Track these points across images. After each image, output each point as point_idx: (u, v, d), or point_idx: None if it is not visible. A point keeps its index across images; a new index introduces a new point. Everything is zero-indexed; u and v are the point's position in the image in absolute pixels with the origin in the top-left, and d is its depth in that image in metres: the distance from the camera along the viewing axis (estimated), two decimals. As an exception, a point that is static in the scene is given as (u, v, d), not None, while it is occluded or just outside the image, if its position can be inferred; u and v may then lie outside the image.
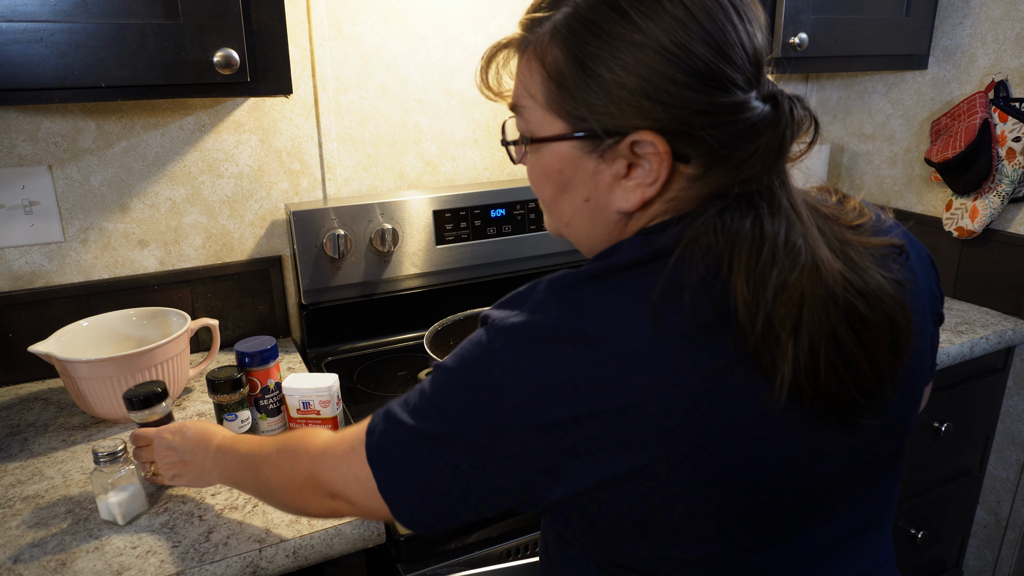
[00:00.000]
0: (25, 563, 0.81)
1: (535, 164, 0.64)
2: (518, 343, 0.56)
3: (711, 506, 0.56)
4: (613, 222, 0.62)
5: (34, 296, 1.25)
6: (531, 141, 0.62)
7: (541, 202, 0.68)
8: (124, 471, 0.88)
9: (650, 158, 0.57)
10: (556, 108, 0.59)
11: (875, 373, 0.56)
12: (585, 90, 0.56)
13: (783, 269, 0.53)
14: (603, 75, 0.55)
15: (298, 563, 0.86)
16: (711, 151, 0.56)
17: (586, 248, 0.67)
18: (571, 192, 0.62)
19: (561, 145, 0.60)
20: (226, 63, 0.97)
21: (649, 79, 0.54)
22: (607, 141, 0.57)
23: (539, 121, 0.61)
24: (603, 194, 0.60)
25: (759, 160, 0.55)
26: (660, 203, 0.60)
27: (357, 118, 1.44)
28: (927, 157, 1.56)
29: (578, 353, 0.54)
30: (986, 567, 1.76)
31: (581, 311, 0.56)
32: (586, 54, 0.56)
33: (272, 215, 1.42)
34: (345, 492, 0.67)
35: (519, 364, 0.56)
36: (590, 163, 0.59)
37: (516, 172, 1.64)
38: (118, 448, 0.87)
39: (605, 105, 0.56)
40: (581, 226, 0.65)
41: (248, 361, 1.03)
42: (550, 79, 0.58)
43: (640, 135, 0.55)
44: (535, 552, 0.95)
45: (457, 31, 1.48)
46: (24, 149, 1.21)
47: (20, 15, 0.88)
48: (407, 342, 1.47)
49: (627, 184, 0.59)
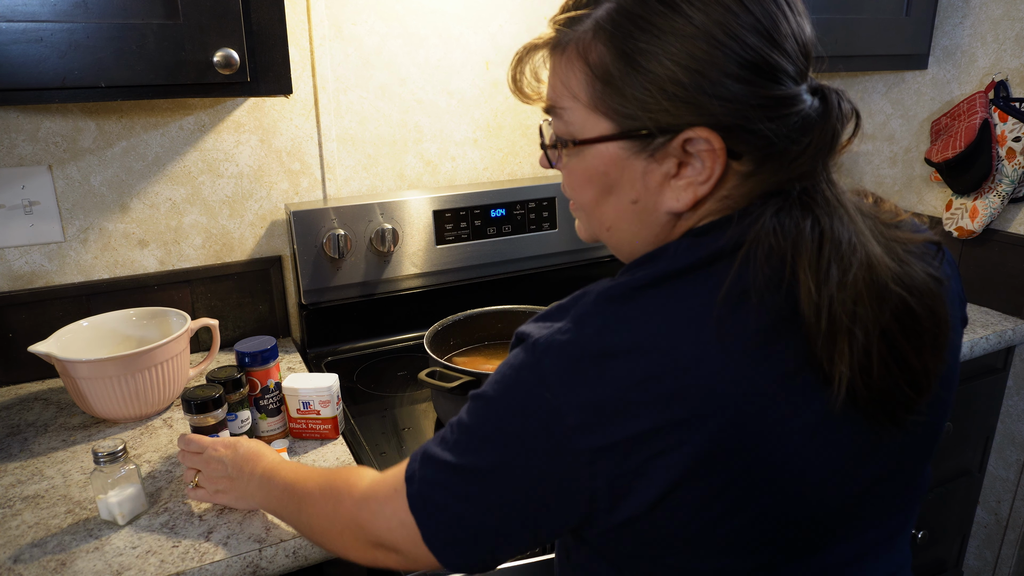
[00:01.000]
0: (25, 563, 0.81)
1: (575, 167, 0.61)
2: (569, 361, 0.53)
3: (764, 516, 0.54)
4: (661, 224, 0.60)
5: (34, 296, 1.25)
6: (574, 143, 0.59)
7: (578, 206, 0.65)
8: (124, 471, 0.87)
9: (703, 155, 0.55)
10: (602, 107, 0.57)
11: (923, 367, 0.55)
12: (635, 87, 0.54)
13: (843, 267, 0.52)
14: (654, 70, 0.53)
15: (298, 563, 0.86)
16: (764, 147, 0.54)
17: (627, 253, 0.64)
18: (616, 195, 0.60)
19: (607, 146, 0.58)
20: (226, 63, 0.97)
21: (703, 72, 0.52)
22: (658, 140, 0.55)
23: (582, 122, 0.58)
24: (652, 195, 0.58)
25: (811, 155, 0.54)
26: (711, 202, 0.58)
27: (357, 118, 1.44)
28: (927, 157, 1.56)
29: (636, 368, 0.51)
30: (986, 567, 1.76)
31: (636, 323, 0.53)
32: (634, 49, 0.54)
33: (272, 215, 1.42)
34: (390, 540, 0.63)
35: (571, 384, 0.52)
36: (639, 163, 0.57)
37: (516, 172, 1.64)
38: (118, 448, 0.86)
39: (658, 102, 0.54)
40: (625, 230, 0.62)
41: (248, 361, 1.03)
42: (596, 77, 0.56)
43: (694, 132, 0.54)
44: (535, 552, 0.95)
45: (457, 31, 1.48)
46: (24, 149, 1.21)
47: (20, 15, 0.87)
48: (407, 342, 1.47)
49: (678, 184, 0.57)
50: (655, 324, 0.53)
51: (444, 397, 1.06)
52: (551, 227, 1.55)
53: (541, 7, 1.54)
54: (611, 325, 0.53)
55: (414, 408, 1.21)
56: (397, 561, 0.65)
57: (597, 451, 0.52)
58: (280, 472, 0.80)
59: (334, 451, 1.05)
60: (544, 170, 1.65)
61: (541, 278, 1.61)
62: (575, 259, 1.62)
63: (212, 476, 0.88)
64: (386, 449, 1.08)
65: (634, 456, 0.52)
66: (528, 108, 1.59)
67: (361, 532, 0.66)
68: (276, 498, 0.79)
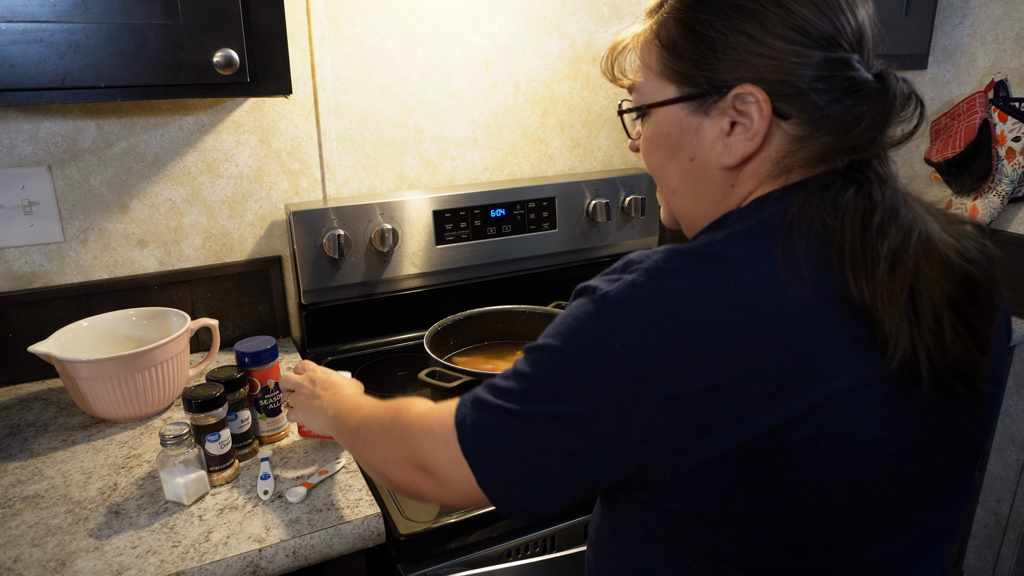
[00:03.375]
0: (25, 563, 0.81)
1: (647, 133, 0.69)
2: (642, 312, 0.54)
3: (824, 485, 0.55)
4: (717, 181, 0.64)
5: (34, 296, 1.25)
6: (645, 107, 0.67)
7: (651, 172, 0.71)
8: (188, 453, 0.91)
9: (750, 110, 0.59)
10: (667, 73, 0.64)
11: (985, 333, 0.57)
12: (693, 51, 0.61)
13: (897, 242, 0.54)
14: (711, 35, 0.60)
15: (298, 563, 0.86)
16: (813, 109, 0.58)
17: (690, 217, 0.69)
18: (678, 155, 0.66)
19: (670, 108, 0.65)
20: (226, 63, 0.97)
21: (752, 35, 0.58)
22: (711, 98, 0.61)
23: (652, 90, 0.66)
24: (706, 151, 0.63)
25: (866, 127, 0.58)
26: (764, 163, 0.62)
27: (357, 118, 1.44)
28: (927, 157, 1.56)
29: (711, 320, 0.53)
30: (986, 567, 1.76)
31: (711, 277, 0.54)
32: (694, 19, 0.61)
33: (272, 215, 1.42)
34: (432, 465, 0.64)
35: (644, 334, 0.54)
36: (695, 121, 0.63)
37: (516, 172, 1.64)
38: (183, 432, 0.90)
39: (710, 62, 0.60)
40: (687, 190, 0.67)
41: (248, 361, 1.03)
42: (663, 47, 0.64)
43: (743, 88, 0.59)
44: (535, 552, 0.95)
45: (457, 31, 1.48)
46: (24, 149, 1.21)
47: (20, 15, 0.88)
48: (407, 342, 1.47)
49: (730, 140, 0.61)
50: (733, 279, 0.54)
51: (444, 397, 1.06)
52: (551, 227, 1.55)
53: (541, 7, 1.54)
54: (685, 277, 0.55)
55: (414, 408, 1.21)
56: (431, 488, 0.66)
57: (667, 400, 0.53)
58: (347, 419, 0.83)
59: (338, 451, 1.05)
60: (544, 170, 1.66)
61: (541, 278, 1.61)
62: (575, 259, 1.62)
63: (299, 402, 0.96)
64: (386, 449, 1.08)
65: (706, 409, 0.53)
66: (528, 108, 1.60)
67: (408, 451, 0.68)
68: (349, 422, 0.83)
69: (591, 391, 0.55)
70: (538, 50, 1.57)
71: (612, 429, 0.56)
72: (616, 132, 1.73)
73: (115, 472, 1.00)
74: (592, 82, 1.65)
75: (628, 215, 1.63)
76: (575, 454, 0.57)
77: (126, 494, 0.95)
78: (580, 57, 1.62)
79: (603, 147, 1.72)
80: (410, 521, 0.91)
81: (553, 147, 1.66)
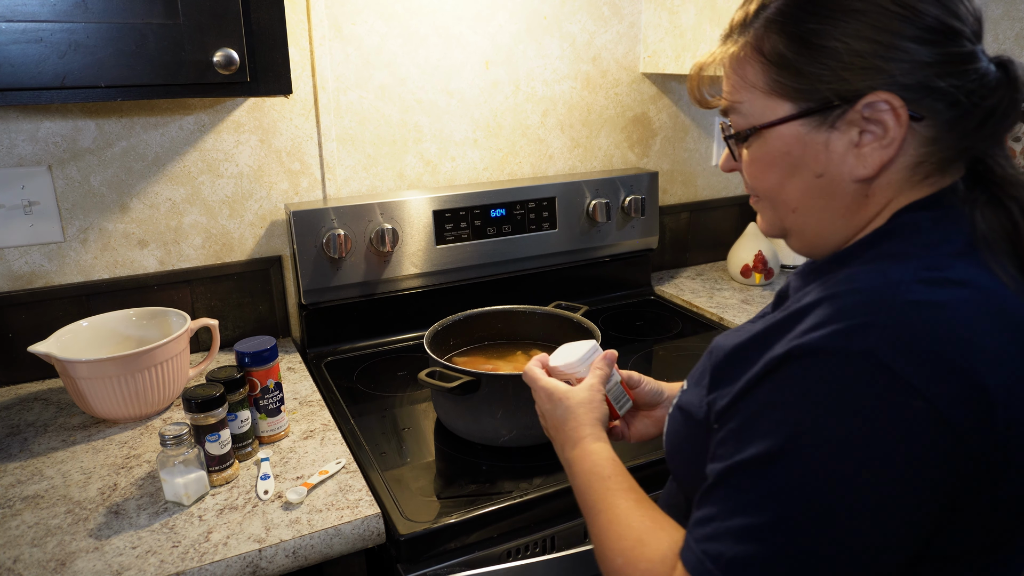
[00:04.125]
0: (25, 563, 0.81)
1: (757, 154, 0.64)
2: (928, 354, 0.49)
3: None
4: (850, 195, 0.61)
5: (34, 296, 1.25)
6: (756, 130, 0.62)
7: (762, 194, 0.66)
8: (188, 453, 0.91)
9: (884, 118, 0.57)
10: (779, 90, 0.60)
11: None
12: (810, 63, 0.58)
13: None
14: (829, 45, 0.56)
15: (298, 563, 0.86)
16: (945, 107, 0.56)
17: (813, 233, 0.65)
18: (800, 173, 0.62)
19: (787, 127, 0.61)
20: (226, 63, 0.97)
21: (878, 40, 0.55)
22: (837, 110, 0.58)
23: (761, 110, 0.62)
24: (837, 165, 0.60)
25: (997, 120, 0.56)
26: (900, 170, 0.59)
27: (357, 118, 1.44)
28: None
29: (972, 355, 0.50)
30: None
31: (940, 309, 0.51)
32: (807, 31, 0.58)
33: (272, 215, 1.42)
34: None
35: (942, 375, 0.49)
36: (820, 136, 0.59)
37: (516, 172, 1.64)
38: (183, 432, 0.90)
39: (834, 73, 0.57)
40: (811, 207, 0.63)
41: (248, 361, 1.03)
42: (771, 64, 0.60)
43: (874, 96, 0.56)
44: (535, 552, 0.95)
45: (457, 31, 1.48)
46: (24, 149, 1.21)
47: (20, 15, 0.87)
48: (407, 342, 1.47)
49: (863, 150, 0.58)
50: (991, 302, 0.53)
51: (444, 397, 1.06)
52: (551, 227, 1.55)
53: (541, 7, 1.54)
54: (923, 314, 0.51)
55: (414, 408, 1.21)
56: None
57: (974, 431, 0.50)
58: (581, 472, 0.73)
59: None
60: (544, 170, 1.66)
61: (541, 278, 1.61)
62: (575, 259, 1.62)
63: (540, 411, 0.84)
64: (386, 449, 1.08)
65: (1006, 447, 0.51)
66: (528, 108, 1.59)
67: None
68: (576, 489, 0.73)
69: (909, 470, 0.50)
70: (538, 50, 1.57)
71: (916, 508, 0.51)
72: (616, 132, 1.72)
73: (115, 472, 0.99)
74: (592, 82, 1.65)
75: (628, 215, 1.63)
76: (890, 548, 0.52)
77: (126, 494, 0.94)
78: (580, 57, 1.62)
79: (603, 147, 1.72)
80: (410, 521, 0.91)
81: (553, 147, 1.66)
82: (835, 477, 0.50)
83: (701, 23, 1.48)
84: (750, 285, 1.77)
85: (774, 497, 0.51)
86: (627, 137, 1.74)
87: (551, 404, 0.80)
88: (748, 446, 0.54)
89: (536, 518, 0.96)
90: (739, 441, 0.55)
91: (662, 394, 0.89)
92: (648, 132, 1.77)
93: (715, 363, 0.64)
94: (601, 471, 0.70)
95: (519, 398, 1.02)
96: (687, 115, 1.80)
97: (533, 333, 1.26)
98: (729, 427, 0.57)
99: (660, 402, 0.89)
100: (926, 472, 0.49)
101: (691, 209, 1.88)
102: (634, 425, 0.89)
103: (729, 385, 0.60)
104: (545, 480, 1.00)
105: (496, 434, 1.06)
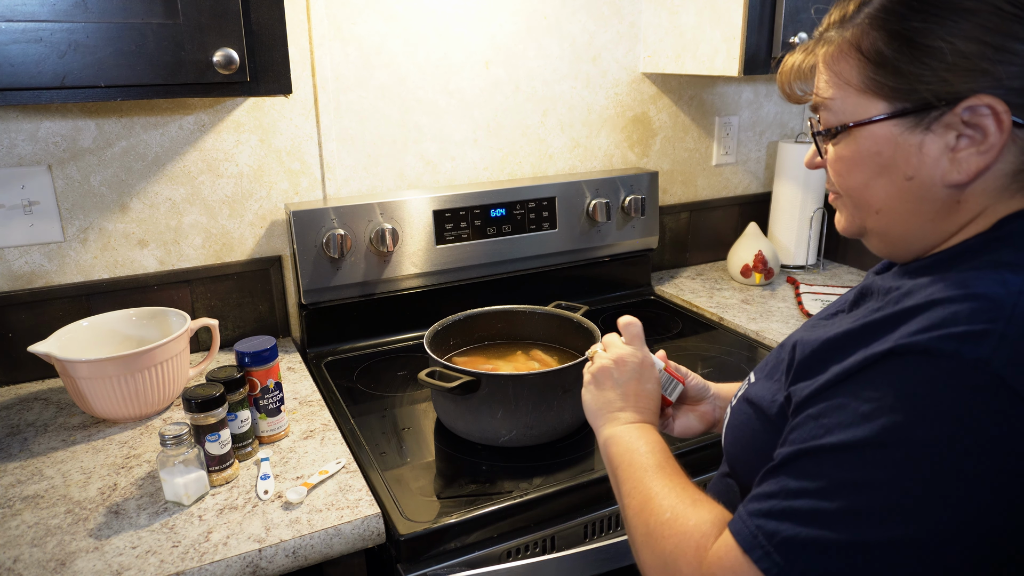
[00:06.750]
0: (25, 563, 0.81)
1: (844, 152, 0.63)
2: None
3: None
4: (941, 199, 0.59)
5: (34, 296, 1.25)
6: (846, 128, 0.61)
7: (845, 193, 0.65)
8: (188, 453, 0.91)
9: (984, 123, 0.55)
10: (874, 88, 0.59)
11: None
12: (911, 63, 0.56)
13: None
14: (933, 45, 0.55)
15: (298, 563, 0.86)
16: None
17: (896, 236, 0.63)
18: (888, 174, 0.60)
19: (880, 126, 0.59)
20: (226, 63, 0.97)
21: (988, 41, 0.53)
22: (935, 112, 0.56)
23: (853, 108, 0.61)
24: (929, 169, 0.58)
25: None
26: (997, 177, 0.57)
27: (357, 118, 1.44)
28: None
29: None
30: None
31: None
32: (910, 29, 0.56)
33: (272, 215, 1.42)
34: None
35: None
36: (914, 138, 0.58)
37: (516, 172, 1.64)
38: (183, 432, 0.90)
39: (936, 73, 0.55)
40: (897, 210, 0.61)
41: (248, 361, 1.03)
42: (868, 61, 0.58)
43: (977, 99, 0.54)
44: (535, 552, 0.95)
45: (457, 31, 1.48)
46: (24, 149, 1.21)
47: (20, 15, 0.87)
48: (407, 342, 1.47)
49: (958, 155, 0.56)
50: None
51: (444, 397, 1.06)
52: (551, 227, 1.55)
53: (541, 7, 1.54)
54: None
55: (414, 408, 1.21)
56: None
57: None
58: (616, 453, 0.74)
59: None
60: (544, 170, 1.66)
61: (541, 278, 1.61)
62: (575, 259, 1.62)
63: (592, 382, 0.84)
64: (386, 449, 1.08)
65: None
66: (528, 108, 1.59)
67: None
68: (610, 468, 0.75)
69: (992, 484, 0.49)
70: (538, 50, 1.57)
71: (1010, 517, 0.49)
72: (616, 132, 1.72)
73: (115, 472, 0.99)
74: (592, 82, 1.65)
75: (628, 215, 1.63)
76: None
77: (126, 494, 0.95)
78: (580, 57, 1.62)
79: (603, 147, 1.72)
80: (410, 521, 0.91)
81: (553, 147, 1.66)
82: (921, 480, 0.48)
83: (701, 23, 1.48)
84: (750, 285, 1.77)
85: (850, 487, 0.50)
86: (627, 137, 1.74)
87: (619, 369, 0.81)
88: (830, 433, 0.52)
89: (536, 518, 0.96)
90: (819, 427, 0.53)
91: (708, 389, 0.90)
92: (648, 132, 1.77)
93: (802, 356, 0.62)
94: (652, 450, 0.72)
95: (519, 398, 1.02)
96: (687, 115, 1.80)
97: (533, 333, 1.26)
98: (808, 412, 0.56)
99: (706, 397, 0.90)
100: (1019, 494, 0.47)
101: (691, 209, 1.88)
102: (679, 418, 0.90)
103: (814, 377, 0.58)
104: (545, 480, 1.00)
105: (496, 434, 1.06)
